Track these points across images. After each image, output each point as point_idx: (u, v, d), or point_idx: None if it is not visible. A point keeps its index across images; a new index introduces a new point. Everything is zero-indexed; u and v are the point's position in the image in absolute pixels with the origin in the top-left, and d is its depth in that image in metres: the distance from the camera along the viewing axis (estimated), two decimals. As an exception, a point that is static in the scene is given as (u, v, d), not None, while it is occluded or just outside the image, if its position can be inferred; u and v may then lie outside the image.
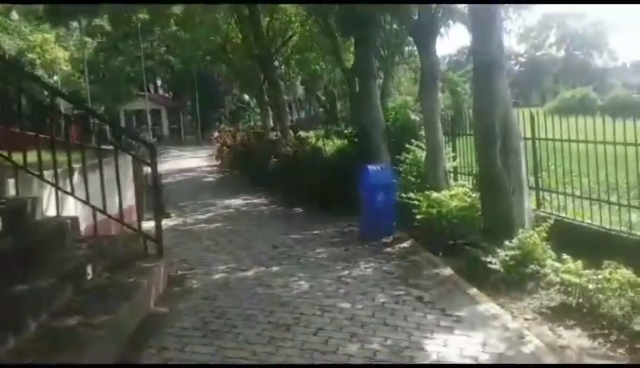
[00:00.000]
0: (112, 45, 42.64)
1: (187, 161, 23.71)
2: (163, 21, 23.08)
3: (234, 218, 10.06)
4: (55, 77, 37.27)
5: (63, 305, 4.16)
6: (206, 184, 15.63)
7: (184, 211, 11.15)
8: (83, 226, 5.78)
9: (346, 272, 6.19)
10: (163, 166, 21.96)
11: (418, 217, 7.60)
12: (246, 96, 38.91)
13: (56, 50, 36.36)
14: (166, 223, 9.70)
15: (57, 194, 5.53)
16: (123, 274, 5.10)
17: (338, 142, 11.98)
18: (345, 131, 11.85)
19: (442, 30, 9.09)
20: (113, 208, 5.74)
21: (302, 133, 15.78)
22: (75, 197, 5.59)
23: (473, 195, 7.72)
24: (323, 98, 36.78)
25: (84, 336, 3.70)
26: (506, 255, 5.64)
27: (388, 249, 7.22)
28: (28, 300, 3.85)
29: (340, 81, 27.13)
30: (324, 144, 12.02)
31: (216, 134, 26.56)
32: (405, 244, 7.39)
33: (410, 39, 12.41)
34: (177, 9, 19.45)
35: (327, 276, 6.04)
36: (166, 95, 51.02)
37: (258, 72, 19.36)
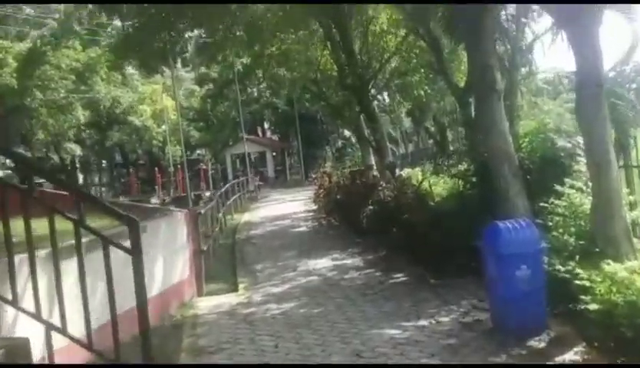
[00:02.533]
0: (218, 92, 43.32)
1: (284, 206, 21.81)
2: (263, 63, 22.35)
3: (314, 292, 7.57)
4: (164, 127, 37.79)
5: None
6: (295, 236, 13.37)
7: (257, 279, 8.89)
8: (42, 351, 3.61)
9: None
10: (258, 213, 20.33)
11: (591, 307, 4.63)
12: (346, 133, 37.12)
13: (164, 100, 37.07)
14: (228, 302, 7.57)
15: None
16: None
17: (450, 182, 9.11)
18: (460, 167, 8.94)
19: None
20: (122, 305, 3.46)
21: (406, 171, 13.06)
22: (18, 308, 3.47)
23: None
24: (432, 129, 33.73)
25: None
26: None
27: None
28: None
29: (450, 110, 24.16)
30: (430, 186, 9.20)
31: (314, 175, 24.56)
32: (572, 354, 4.46)
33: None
34: (275, 48, 18.45)
35: None
36: (274, 137, 50.87)
37: (354, 104, 17.12)
